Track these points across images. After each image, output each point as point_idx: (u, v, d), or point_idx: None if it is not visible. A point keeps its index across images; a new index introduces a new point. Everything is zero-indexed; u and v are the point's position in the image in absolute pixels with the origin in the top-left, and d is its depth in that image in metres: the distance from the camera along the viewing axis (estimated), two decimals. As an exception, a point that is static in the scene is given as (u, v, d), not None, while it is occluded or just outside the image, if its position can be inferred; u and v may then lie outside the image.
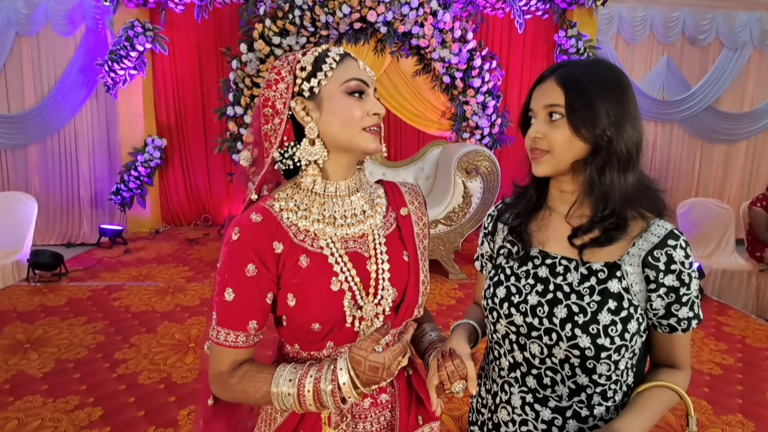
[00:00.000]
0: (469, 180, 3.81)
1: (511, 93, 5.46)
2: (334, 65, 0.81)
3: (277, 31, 4.42)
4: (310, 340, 0.82)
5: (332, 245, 0.82)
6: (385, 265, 0.85)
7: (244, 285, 0.77)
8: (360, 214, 0.86)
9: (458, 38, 4.48)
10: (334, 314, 0.80)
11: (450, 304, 3.38)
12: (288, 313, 0.80)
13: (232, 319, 0.78)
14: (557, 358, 0.79)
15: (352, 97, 0.81)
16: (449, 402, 2.21)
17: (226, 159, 5.14)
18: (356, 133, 0.81)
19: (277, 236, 0.80)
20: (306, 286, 0.79)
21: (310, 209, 0.83)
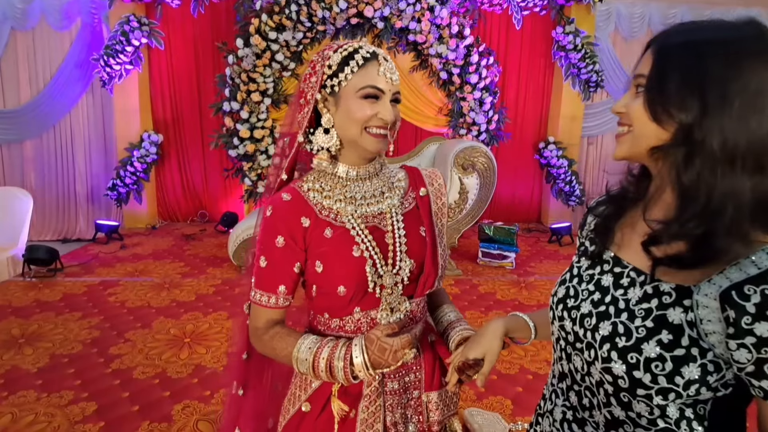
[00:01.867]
0: (465, 176, 3.80)
1: (509, 89, 5.46)
2: (356, 69, 0.90)
3: (274, 26, 4.40)
4: (338, 305, 0.93)
5: (353, 220, 0.94)
6: (402, 239, 0.96)
7: (275, 254, 0.91)
8: (378, 195, 0.98)
9: (455, 34, 4.47)
10: (357, 278, 0.91)
11: (446, 300, 3.38)
12: (316, 279, 0.92)
13: (266, 283, 0.92)
14: (594, 378, 0.69)
15: (366, 100, 0.90)
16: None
17: (223, 155, 5.12)
18: (361, 133, 0.91)
19: (304, 212, 0.93)
20: (331, 253, 0.91)
21: (333, 190, 0.95)
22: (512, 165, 5.49)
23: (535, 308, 3.30)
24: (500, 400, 2.21)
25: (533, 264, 4.26)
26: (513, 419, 2.08)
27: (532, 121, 5.59)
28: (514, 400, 2.21)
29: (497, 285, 3.70)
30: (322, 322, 0.96)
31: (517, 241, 4.20)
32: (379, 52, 0.92)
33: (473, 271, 4.01)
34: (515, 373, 2.44)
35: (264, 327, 0.93)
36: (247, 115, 4.59)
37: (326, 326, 0.95)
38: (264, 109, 4.65)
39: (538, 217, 5.88)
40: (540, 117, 5.61)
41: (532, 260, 4.36)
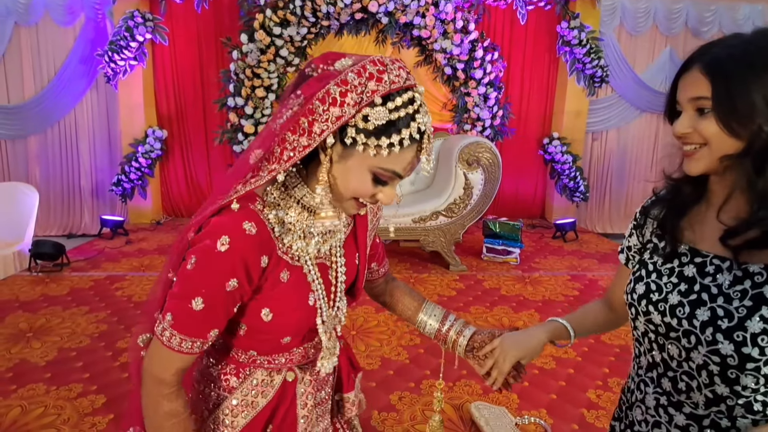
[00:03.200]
0: (470, 172, 3.80)
1: (513, 84, 5.44)
2: (396, 149, 0.69)
3: (278, 21, 4.40)
4: (274, 349, 0.84)
5: (309, 261, 0.80)
6: (342, 276, 0.86)
7: (219, 297, 0.72)
8: (328, 232, 0.83)
9: (460, 29, 4.46)
10: (308, 327, 0.83)
11: (450, 296, 3.39)
12: (259, 326, 0.78)
13: (194, 328, 0.73)
14: (695, 363, 0.74)
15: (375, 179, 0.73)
16: (450, 391, 2.23)
17: (227, 150, 5.13)
18: (347, 199, 0.77)
19: (266, 249, 0.75)
20: (285, 300, 0.78)
21: (294, 224, 0.78)
22: (516, 161, 5.48)
23: (540, 303, 3.31)
24: (506, 394, 2.22)
25: (538, 260, 4.26)
26: (519, 413, 2.08)
27: (536, 116, 5.58)
28: (520, 394, 2.22)
29: (502, 280, 3.70)
30: (244, 357, 0.84)
31: (521, 236, 4.19)
32: (429, 132, 0.72)
33: (478, 267, 4.01)
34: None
35: (171, 380, 0.75)
36: (252, 110, 4.60)
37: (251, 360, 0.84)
38: (268, 105, 4.65)
39: (542, 213, 5.88)
40: (544, 112, 5.60)
41: (537, 256, 4.36)
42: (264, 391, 0.85)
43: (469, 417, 2.05)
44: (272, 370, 0.85)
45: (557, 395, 2.22)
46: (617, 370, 2.44)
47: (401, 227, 3.85)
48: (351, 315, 3.02)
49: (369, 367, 2.40)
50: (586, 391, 2.26)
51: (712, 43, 0.72)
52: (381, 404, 2.11)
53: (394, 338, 2.73)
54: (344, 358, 0.98)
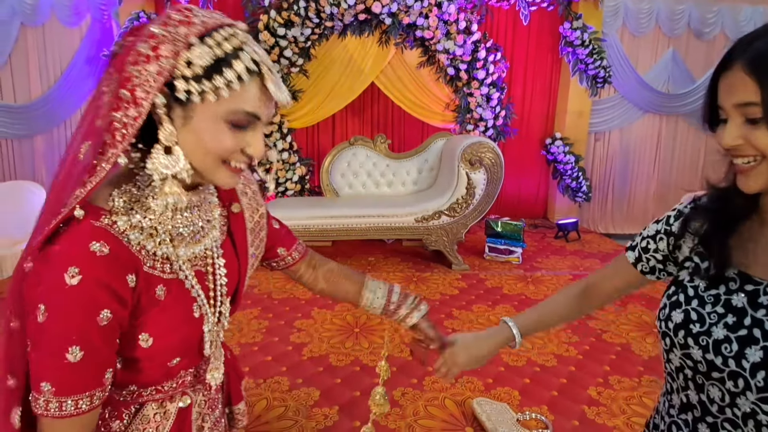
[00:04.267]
0: (472, 172, 3.83)
1: (516, 85, 5.46)
2: (235, 85, 0.62)
3: (282, 22, 4.43)
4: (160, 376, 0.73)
5: (185, 268, 0.70)
6: (222, 280, 0.77)
7: (96, 336, 0.60)
8: (200, 230, 0.74)
9: (463, 30, 4.49)
10: (194, 342, 0.73)
11: (453, 294, 3.41)
12: (139, 355, 0.67)
13: (84, 381, 0.61)
14: (741, 410, 0.63)
15: (231, 128, 0.64)
16: (452, 387, 2.25)
17: (231, 150, 5.16)
18: (214, 167, 0.66)
19: (129, 267, 0.63)
20: (166, 320, 0.68)
21: (155, 227, 0.67)
22: (519, 161, 5.50)
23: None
24: (508, 390, 2.24)
25: (540, 259, 4.28)
26: (521, 410, 2.11)
27: (538, 116, 5.60)
28: (521, 391, 2.24)
29: (504, 280, 3.72)
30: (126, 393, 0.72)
31: (523, 236, 4.22)
32: (265, 61, 0.65)
33: (480, 266, 4.03)
34: (522, 365, 2.47)
35: None
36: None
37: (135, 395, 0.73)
38: (272, 105, 4.68)
39: (544, 213, 5.89)
40: (547, 113, 5.62)
41: (539, 255, 4.39)
42: (158, 426, 0.74)
43: (471, 413, 2.07)
44: (164, 400, 0.75)
45: (558, 392, 2.25)
46: (618, 368, 2.46)
47: (404, 226, 3.88)
48: (354, 312, 3.05)
49: (372, 364, 2.43)
50: (587, 388, 2.28)
51: (754, 35, 0.60)
52: (384, 400, 2.13)
53: (397, 336, 2.75)
54: (230, 368, 0.91)
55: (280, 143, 4.74)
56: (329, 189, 4.53)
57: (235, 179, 0.70)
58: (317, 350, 2.56)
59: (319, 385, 2.23)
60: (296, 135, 5.00)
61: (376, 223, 3.86)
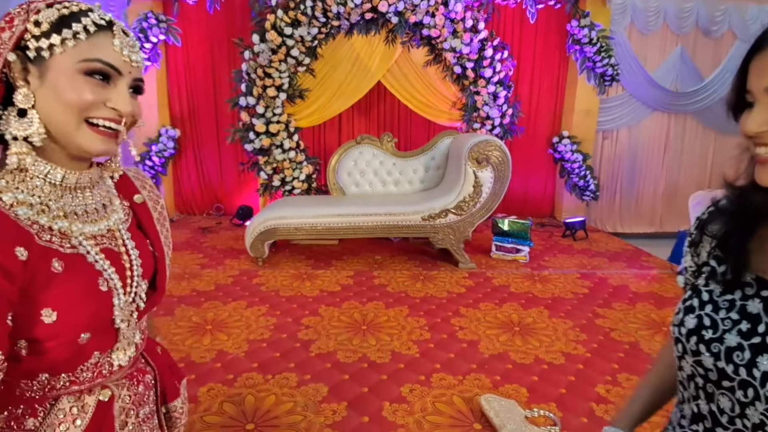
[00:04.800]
0: (479, 170, 3.82)
1: (523, 83, 5.45)
2: (82, 36, 0.64)
3: (289, 21, 4.45)
4: (71, 356, 0.69)
5: (85, 243, 0.70)
6: (137, 260, 0.78)
7: None
8: (101, 209, 0.75)
9: (470, 28, 4.49)
10: (104, 317, 0.71)
11: (460, 292, 3.41)
12: (44, 333, 0.64)
13: None
14: (750, 421, 0.60)
15: (90, 79, 0.65)
16: (460, 384, 2.26)
17: (238, 149, 5.20)
18: (76, 125, 0.65)
19: (18, 240, 0.62)
20: (68, 293, 0.65)
21: (46, 203, 0.67)
22: (526, 159, 5.49)
23: (549, 300, 3.32)
24: (516, 388, 2.24)
25: (547, 258, 4.27)
26: (529, 407, 2.10)
27: (546, 115, 5.59)
28: (529, 388, 2.24)
29: (511, 278, 3.72)
30: (38, 387, 0.68)
31: (531, 235, 4.21)
32: (117, 23, 0.69)
33: (487, 264, 4.03)
34: (530, 362, 2.47)
35: None
36: (263, 110, 4.66)
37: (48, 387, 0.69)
38: (279, 104, 4.71)
39: (551, 212, 5.88)
40: (554, 111, 5.61)
41: (546, 254, 4.37)
42: (75, 419, 0.70)
43: (479, 409, 2.07)
44: (81, 393, 0.72)
45: (567, 390, 2.24)
46: (626, 366, 2.45)
47: (411, 225, 3.88)
48: (361, 310, 3.06)
49: (380, 361, 2.44)
50: (596, 386, 2.27)
51: None
52: (392, 396, 2.14)
53: (404, 333, 2.76)
54: (163, 365, 0.89)
55: (287, 142, 4.77)
56: (336, 188, 4.54)
57: (104, 144, 0.68)
58: (325, 347, 2.57)
59: (327, 381, 2.24)
60: (303, 134, 5.02)
61: (383, 221, 3.87)
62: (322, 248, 4.38)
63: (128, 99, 0.68)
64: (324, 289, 3.40)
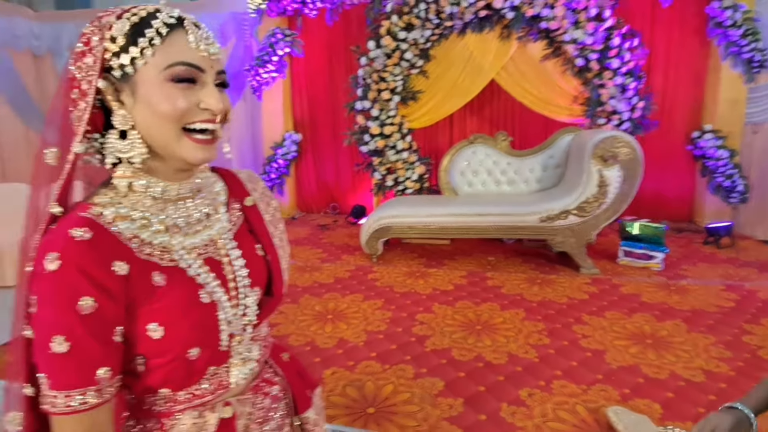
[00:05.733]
0: (605, 168, 3.56)
1: (655, 73, 4.95)
2: (157, 41, 0.62)
3: (403, 26, 4.57)
4: (186, 373, 0.68)
5: (186, 256, 0.68)
6: (242, 269, 0.74)
7: (80, 326, 0.58)
8: (205, 219, 0.73)
9: (593, 17, 4.20)
10: (210, 331, 0.69)
11: (582, 299, 3.20)
12: (154, 347, 0.65)
13: (73, 376, 0.58)
14: None
15: (178, 84, 0.63)
16: (584, 393, 2.12)
17: (354, 150, 5.44)
18: (176, 137, 0.64)
19: (116, 254, 0.62)
20: (171, 307, 0.65)
21: (149, 217, 0.67)
22: (659, 156, 4.96)
23: (688, 313, 2.97)
24: (648, 403, 2.05)
25: (685, 267, 3.82)
26: (662, 424, 1.91)
27: (683, 107, 5.00)
28: (663, 404, 2.03)
29: (642, 287, 3.39)
30: (162, 402, 0.69)
31: (665, 240, 3.80)
32: (187, 17, 0.66)
33: (613, 271, 3.73)
34: (665, 378, 2.23)
35: None
36: (378, 112, 4.83)
37: (172, 402, 0.69)
38: (393, 106, 4.85)
39: (690, 216, 5.24)
40: (693, 102, 5.00)
41: (684, 262, 3.91)
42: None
43: (606, 422, 1.93)
44: (203, 410, 0.71)
45: (706, 409, 1.99)
46: (791, 392, 2.10)
47: (527, 226, 3.74)
48: (475, 310, 3.02)
49: (495, 362, 2.39)
50: (751, 410, 1.98)
51: None
52: (510, 398, 2.08)
53: (521, 336, 2.67)
54: (292, 374, 0.85)
55: (400, 143, 4.88)
56: (448, 187, 4.54)
57: (205, 152, 0.66)
58: (439, 343, 2.58)
59: (443, 377, 2.25)
60: (415, 135, 5.10)
61: (497, 222, 3.78)
62: (433, 247, 4.41)
63: (218, 95, 0.65)
64: (437, 288, 3.42)
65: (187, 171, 0.71)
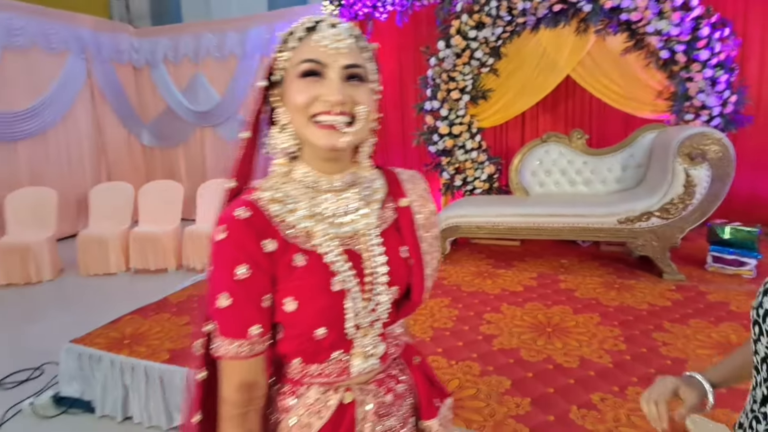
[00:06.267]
0: (692, 167, 3.32)
1: (750, 64, 4.53)
2: (296, 44, 0.73)
3: (474, 24, 4.54)
4: (314, 349, 0.75)
5: (327, 243, 0.74)
6: (381, 267, 0.77)
7: (239, 289, 0.70)
8: (353, 212, 0.78)
9: (679, 6, 3.92)
10: (335, 317, 0.74)
11: (664, 306, 3.01)
12: (288, 319, 0.73)
13: (232, 327, 0.71)
14: None
15: (305, 80, 0.71)
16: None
17: (422, 151, 5.48)
18: (305, 124, 0.72)
19: (268, 233, 0.72)
20: (305, 287, 0.72)
21: (298, 203, 0.75)
22: (755, 155, 4.53)
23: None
24: (727, 413, 1.90)
25: (785, 274, 3.47)
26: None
27: (785, 100, 4.53)
28: (759, 422, 1.88)
29: (732, 295, 3.13)
30: (296, 370, 0.78)
31: (759, 245, 3.48)
32: (324, 19, 0.74)
33: (700, 278, 3.46)
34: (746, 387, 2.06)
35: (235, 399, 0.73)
36: (447, 112, 4.84)
37: (303, 373, 0.78)
38: (462, 106, 4.84)
39: (791, 220, 4.73)
40: (798, 95, 4.51)
41: (783, 269, 3.55)
42: (319, 411, 0.77)
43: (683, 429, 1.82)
44: (328, 389, 0.78)
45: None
46: None
47: (604, 227, 3.58)
48: (546, 312, 2.95)
49: (566, 365, 2.33)
50: None
51: None
52: (580, 401, 2.03)
53: (595, 341, 2.57)
54: (420, 378, 0.86)
55: (469, 143, 4.86)
56: (518, 187, 4.45)
57: (327, 138, 0.72)
58: (507, 343, 2.56)
59: (510, 376, 2.23)
60: (485, 134, 5.05)
61: (570, 223, 3.65)
62: (502, 248, 4.34)
63: (336, 88, 0.70)
64: (506, 288, 3.38)
65: (334, 162, 0.77)
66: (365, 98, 0.74)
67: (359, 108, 0.72)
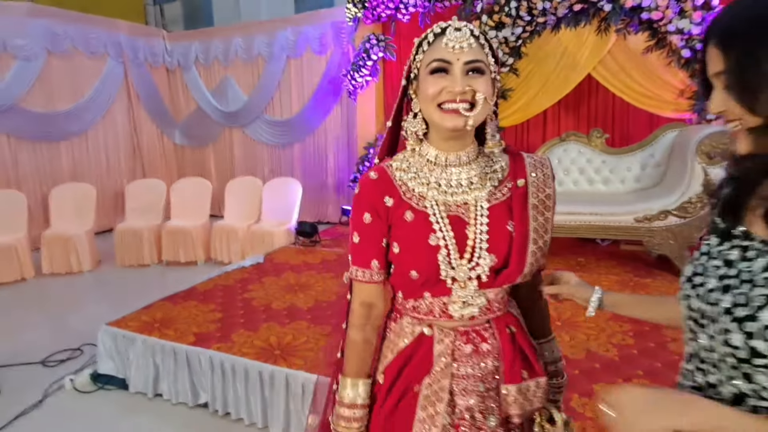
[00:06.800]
0: (711, 166, 3.32)
1: (781, 62, 4.43)
2: (426, 47, 0.89)
3: (494, 25, 4.59)
4: (410, 288, 0.94)
5: (435, 207, 0.91)
6: (483, 234, 0.90)
7: (365, 230, 0.93)
8: (465, 185, 0.93)
9: (700, 5, 3.89)
10: (429, 266, 0.89)
11: (678, 302, 3.02)
12: (394, 259, 0.94)
13: (360, 258, 0.95)
14: (717, 353, 0.69)
15: (434, 75, 0.87)
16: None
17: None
18: (434, 111, 0.88)
19: (389, 192, 0.93)
20: (408, 237, 0.91)
21: (418, 173, 0.94)
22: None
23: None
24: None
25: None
26: None
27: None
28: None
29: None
30: (399, 302, 0.99)
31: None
32: (451, 24, 0.88)
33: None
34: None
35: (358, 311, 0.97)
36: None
37: (402, 306, 0.98)
38: (482, 105, 4.88)
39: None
40: (831, 93, 4.39)
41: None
42: (405, 337, 0.96)
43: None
44: (416, 321, 0.96)
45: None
46: None
47: (621, 226, 3.60)
48: (557, 307, 3.00)
49: (573, 357, 2.39)
50: None
51: (727, 8, 0.67)
52: (583, 390, 2.09)
53: (603, 335, 2.62)
54: (507, 343, 0.92)
55: (488, 142, 4.91)
56: (536, 186, 4.48)
57: (451, 120, 0.87)
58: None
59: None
60: (504, 133, 5.09)
61: (588, 221, 3.68)
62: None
63: (458, 80, 0.85)
64: (519, 284, 3.44)
65: (454, 140, 0.93)
66: (484, 87, 0.87)
67: (478, 95, 0.85)
